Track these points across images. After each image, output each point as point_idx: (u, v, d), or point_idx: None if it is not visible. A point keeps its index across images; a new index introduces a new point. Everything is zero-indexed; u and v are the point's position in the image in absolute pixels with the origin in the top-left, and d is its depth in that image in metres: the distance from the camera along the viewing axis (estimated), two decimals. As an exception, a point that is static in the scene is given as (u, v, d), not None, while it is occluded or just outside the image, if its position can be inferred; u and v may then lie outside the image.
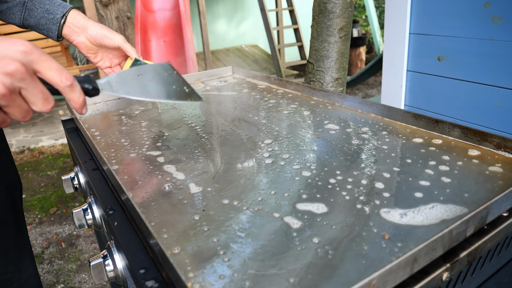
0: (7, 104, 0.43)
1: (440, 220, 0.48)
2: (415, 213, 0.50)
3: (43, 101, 0.46)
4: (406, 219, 0.49)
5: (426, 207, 0.51)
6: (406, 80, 1.63)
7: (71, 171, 0.89)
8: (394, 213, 0.50)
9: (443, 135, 0.73)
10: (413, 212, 0.50)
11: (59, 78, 0.46)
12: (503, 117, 1.34)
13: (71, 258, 2.05)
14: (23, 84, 0.43)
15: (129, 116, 0.97)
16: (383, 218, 0.49)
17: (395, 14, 1.57)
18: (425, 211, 0.50)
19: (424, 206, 0.51)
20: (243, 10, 6.69)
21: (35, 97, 0.45)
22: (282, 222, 0.50)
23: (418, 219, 0.49)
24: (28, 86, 0.44)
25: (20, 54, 0.42)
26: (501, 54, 1.29)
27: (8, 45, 0.42)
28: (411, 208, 0.51)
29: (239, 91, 1.13)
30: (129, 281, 0.52)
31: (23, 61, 0.42)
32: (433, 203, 0.52)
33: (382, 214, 0.50)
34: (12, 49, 0.42)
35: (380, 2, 7.00)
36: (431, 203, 0.52)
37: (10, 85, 0.41)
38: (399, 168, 0.62)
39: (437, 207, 0.51)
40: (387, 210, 0.51)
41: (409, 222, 0.48)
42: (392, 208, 0.51)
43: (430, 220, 0.48)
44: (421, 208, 0.51)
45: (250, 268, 0.42)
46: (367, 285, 0.37)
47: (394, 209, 0.51)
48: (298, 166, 0.65)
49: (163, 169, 0.67)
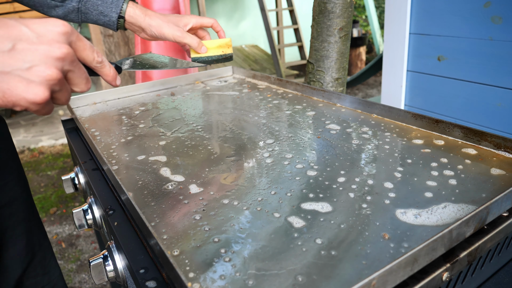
0: (60, 89, 0.41)
1: (441, 221, 0.48)
2: (419, 213, 0.50)
3: (86, 81, 0.45)
4: (405, 217, 0.49)
5: (427, 208, 0.51)
6: (406, 80, 1.63)
7: (71, 171, 0.89)
8: (397, 212, 0.50)
9: (443, 135, 0.73)
10: (414, 211, 0.50)
11: (92, 56, 0.46)
12: (503, 117, 1.34)
13: (71, 258, 2.05)
14: (71, 66, 0.41)
15: (129, 116, 0.97)
16: (386, 218, 0.49)
17: (395, 14, 1.57)
18: (424, 212, 0.50)
19: (424, 208, 0.51)
20: (243, 10, 6.69)
21: (79, 78, 0.44)
22: (282, 222, 0.50)
23: (420, 219, 0.49)
24: (75, 68, 0.42)
25: (64, 35, 0.40)
26: (501, 54, 1.29)
27: (49, 27, 0.39)
28: (410, 208, 0.51)
29: (239, 91, 1.13)
30: (129, 281, 0.52)
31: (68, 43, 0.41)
32: (433, 203, 0.52)
33: (382, 214, 0.50)
34: (56, 31, 0.40)
35: (380, 2, 7.00)
36: (431, 203, 0.52)
37: (62, 69, 0.40)
38: (402, 168, 0.62)
39: (437, 207, 0.51)
40: (391, 210, 0.51)
41: (409, 221, 0.48)
42: (399, 208, 0.51)
43: (431, 221, 0.48)
44: (427, 208, 0.51)
45: (250, 268, 0.42)
46: (367, 285, 0.37)
47: (397, 209, 0.51)
48: (300, 166, 0.65)
49: (164, 169, 0.67)
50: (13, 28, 0.37)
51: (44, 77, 0.38)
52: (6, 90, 0.36)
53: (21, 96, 0.37)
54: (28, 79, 0.37)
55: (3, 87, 0.36)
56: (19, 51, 0.37)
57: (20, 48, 0.37)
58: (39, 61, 0.37)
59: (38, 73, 0.37)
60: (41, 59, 0.37)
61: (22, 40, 0.37)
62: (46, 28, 0.39)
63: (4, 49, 0.36)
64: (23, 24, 0.38)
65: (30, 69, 0.37)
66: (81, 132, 0.94)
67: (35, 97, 0.37)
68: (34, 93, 0.37)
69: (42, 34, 0.38)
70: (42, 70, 0.37)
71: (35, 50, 0.37)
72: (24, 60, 0.37)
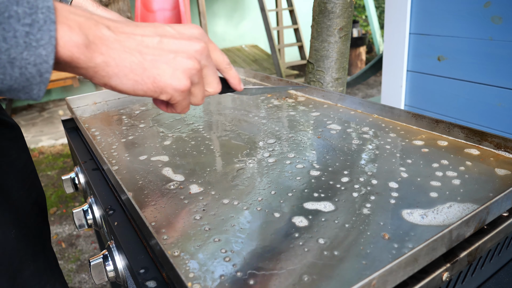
0: (197, 81, 0.44)
1: (448, 220, 0.48)
2: (425, 213, 0.50)
3: (217, 81, 0.48)
4: (411, 217, 0.49)
5: (426, 209, 0.51)
6: (406, 80, 1.63)
7: (71, 171, 0.89)
8: (404, 212, 0.50)
9: (443, 135, 0.73)
10: (420, 211, 0.50)
11: (222, 58, 0.48)
12: (503, 117, 1.34)
13: (71, 258, 2.05)
14: (207, 62, 0.45)
15: (129, 116, 0.97)
16: (392, 218, 0.49)
17: (395, 14, 1.58)
18: (430, 212, 0.50)
19: (424, 208, 0.51)
20: (243, 10, 6.69)
21: (212, 76, 0.46)
22: (282, 222, 0.50)
23: (427, 219, 0.49)
24: (210, 64, 0.45)
25: (200, 35, 0.45)
26: (501, 54, 1.29)
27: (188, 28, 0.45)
28: (416, 208, 0.51)
29: (239, 91, 1.13)
30: (129, 281, 0.52)
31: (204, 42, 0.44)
32: (433, 203, 0.52)
33: (388, 214, 0.50)
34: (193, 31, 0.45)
35: (380, 2, 7.00)
36: (432, 203, 0.52)
37: (200, 62, 0.43)
38: (404, 168, 0.62)
39: (442, 207, 0.51)
40: (396, 210, 0.51)
41: (415, 221, 0.48)
42: (406, 208, 0.51)
43: (437, 221, 0.48)
44: (433, 208, 0.51)
45: (250, 268, 0.42)
46: (367, 285, 0.37)
47: (403, 209, 0.51)
48: (300, 165, 0.65)
49: (164, 169, 0.67)
50: (159, 27, 0.43)
51: (186, 65, 0.42)
52: (157, 76, 0.41)
53: (168, 82, 0.41)
54: (174, 67, 0.41)
55: (154, 73, 0.41)
56: (166, 43, 0.42)
57: (166, 42, 0.42)
58: (182, 52, 0.42)
59: (181, 63, 0.42)
60: (184, 50, 0.42)
61: (167, 36, 0.42)
62: (185, 28, 0.45)
63: (154, 42, 0.41)
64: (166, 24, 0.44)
65: (175, 58, 0.41)
66: (81, 132, 0.94)
67: (179, 83, 0.42)
68: (179, 79, 0.41)
69: (183, 32, 0.44)
70: (185, 60, 0.42)
71: (178, 43, 0.42)
72: (170, 50, 0.41)
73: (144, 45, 0.40)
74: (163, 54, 0.41)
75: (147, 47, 0.41)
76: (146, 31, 0.42)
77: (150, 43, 0.41)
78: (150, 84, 0.41)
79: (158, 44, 0.41)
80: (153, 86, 0.41)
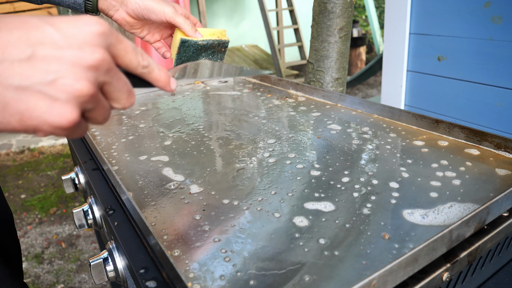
0: (93, 107, 0.32)
1: (448, 220, 0.48)
2: (426, 213, 0.50)
3: (127, 94, 0.35)
4: (412, 217, 0.49)
5: (427, 209, 0.51)
6: (406, 80, 1.63)
7: (71, 171, 0.89)
8: (404, 212, 0.50)
9: (444, 135, 0.73)
10: (421, 211, 0.50)
11: (136, 61, 0.35)
12: (503, 117, 1.34)
13: (71, 258, 2.05)
14: (108, 77, 0.32)
15: (129, 116, 0.97)
16: (393, 218, 0.49)
17: (395, 14, 1.57)
18: (431, 212, 0.50)
19: (425, 208, 0.51)
20: (243, 10, 6.69)
21: (119, 92, 0.34)
22: (282, 222, 0.50)
23: (428, 219, 0.49)
24: (113, 78, 0.33)
25: (99, 37, 0.31)
26: (501, 54, 1.29)
27: (81, 26, 0.30)
28: (417, 208, 0.51)
29: (240, 91, 1.13)
30: (129, 281, 0.52)
31: (104, 47, 0.31)
32: (433, 204, 0.52)
33: (389, 214, 0.50)
34: (89, 31, 0.30)
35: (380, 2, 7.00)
36: (432, 203, 0.52)
37: (96, 81, 0.31)
38: (405, 168, 0.62)
39: (443, 207, 0.51)
40: (397, 210, 0.51)
41: (416, 221, 0.48)
42: (406, 208, 0.51)
43: (438, 221, 0.48)
44: (434, 208, 0.51)
45: (250, 268, 0.42)
46: (367, 285, 0.37)
47: (404, 209, 0.51)
48: (300, 165, 0.65)
49: (164, 169, 0.67)
50: (34, 28, 0.29)
51: (72, 92, 0.29)
52: (24, 112, 0.28)
53: (43, 119, 0.28)
54: (52, 96, 0.28)
55: (21, 108, 0.28)
56: (41, 59, 0.28)
57: (42, 55, 0.28)
58: (66, 71, 0.29)
59: (64, 88, 0.29)
60: (68, 68, 0.29)
61: (44, 44, 0.28)
62: (77, 28, 0.30)
63: (21, 56, 0.28)
64: (48, 23, 0.29)
65: (54, 83, 0.28)
66: (81, 132, 0.94)
67: (61, 119, 0.29)
68: (60, 114, 0.29)
69: (71, 36, 0.30)
70: (70, 83, 0.29)
71: (60, 57, 0.29)
72: (46, 70, 0.28)
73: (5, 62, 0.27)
74: (35, 77, 0.28)
75: (10, 65, 0.27)
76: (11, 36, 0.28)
77: (16, 57, 0.27)
78: (15, 123, 0.28)
79: (29, 61, 0.28)
80: (20, 125, 0.28)
